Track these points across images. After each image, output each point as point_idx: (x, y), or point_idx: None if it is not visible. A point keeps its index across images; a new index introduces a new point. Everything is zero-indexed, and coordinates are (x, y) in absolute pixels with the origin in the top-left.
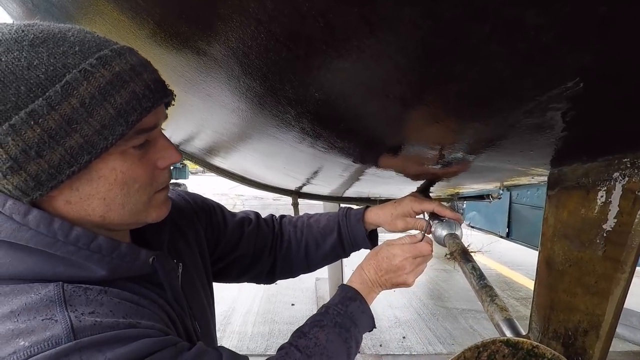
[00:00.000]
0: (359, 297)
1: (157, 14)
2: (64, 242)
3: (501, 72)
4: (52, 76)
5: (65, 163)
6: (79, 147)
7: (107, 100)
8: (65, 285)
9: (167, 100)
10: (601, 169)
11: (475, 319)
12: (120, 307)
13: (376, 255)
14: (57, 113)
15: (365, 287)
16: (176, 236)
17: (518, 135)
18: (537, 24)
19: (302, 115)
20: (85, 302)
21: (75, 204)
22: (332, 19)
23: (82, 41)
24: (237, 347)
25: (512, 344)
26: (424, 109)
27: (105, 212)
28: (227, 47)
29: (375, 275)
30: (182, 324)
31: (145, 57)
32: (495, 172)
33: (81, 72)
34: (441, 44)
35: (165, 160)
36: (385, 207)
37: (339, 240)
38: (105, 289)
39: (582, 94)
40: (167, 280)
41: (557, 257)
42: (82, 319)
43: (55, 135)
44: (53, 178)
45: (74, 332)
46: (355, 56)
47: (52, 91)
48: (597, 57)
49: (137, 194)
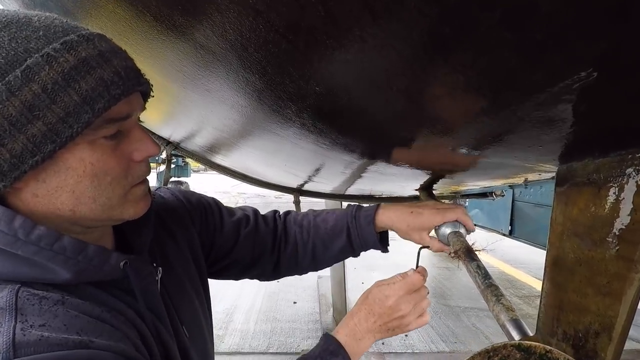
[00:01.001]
0: (342, 352)
1: (153, 5)
2: (25, 241)
3: (510, 61)
4: (13, 61)
5: (27, 152)
6: (42, 136)
7: (70, 86)
8: (20, 292)
9: (142, 89)
10: (614, 165)
11: (478, 317)
12: (77, 322)
13: (366, 299)
14: (18, 99)
15: (352, 338)
16: (164, 237)
17: (527, 130)
18: (549, 9)
19: (303, 110)
20: (38, 312)
21: (43, 197)
22: (332, 6)
23: (47, 26)
24: (239, 344)
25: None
26: (429, 102)
27: (75, 206)
28: (225, 40)
29: (366, 323)
30: (158, 336)
31: (145, 51)
32: (501, 168)
33: (43, 57)
34: (448, 32)
35: (141, 153)
36: (400, 212)
37: (348, 242)
38: (63, 300)
39: (595, 86)
40: (141, 286)
41: (566, 256)
42: (27, 333)
43: (16, 122)
44: (16, 168)
45: (15, 346)
46: (357, 47)
47: (11, 76)
48: (612, 46)
49: (110, 187)
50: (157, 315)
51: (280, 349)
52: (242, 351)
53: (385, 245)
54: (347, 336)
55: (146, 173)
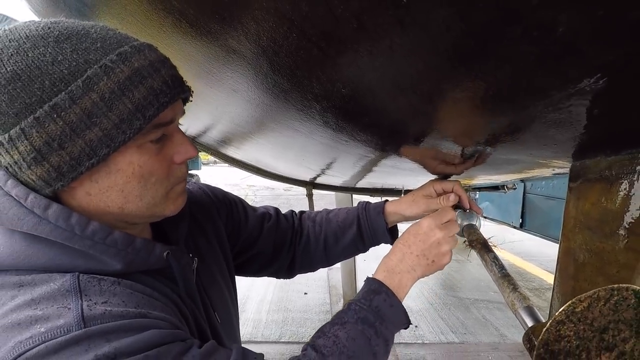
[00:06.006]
0: (384, 288)
1: (191, 13)
2: (81, 236)
3: (530, 69)
4: (75, 71)
5: (85, 155)
6: (98, 140)
7: (125, 95)
8: (80, 276)
9: (185, 96)
10: (625, 162)
11: (487, 309)
12: (133, 298)
13: (401, 238)
14: (79, 107)
15: (391, 275)
16: (195, 231)
17: (543, 130)
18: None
19: (327, 109)
20: (99, 292)
21: (94, 196)
22: (366, 20)
23: (103, 38)
24: (251, 334)
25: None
26: (451, 105)
27: (124, 204)
28: (258, 46)
29: (403, 256)
30: (194, 320)
31: (173, 52)
32: (516, 164)
33: (102, 68)
34: (473, 43)
35: (181, 155)
36: (405, 197)
37: (359, 233)
38: (118, 280)
39: (608, 90)
40: (181, 274)
41: (578, 247)
42: (93, 308)
43: (76, 128)
44: (73, 169)
45: (84, 320)
46: (386, 55)
47: (74, 86)
48: (621, 55)
49: (154, 187)
50: (194, 302)
51: (292, 338)
52: (255, 340)
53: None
54: (385, 272)
55: (185, 174)
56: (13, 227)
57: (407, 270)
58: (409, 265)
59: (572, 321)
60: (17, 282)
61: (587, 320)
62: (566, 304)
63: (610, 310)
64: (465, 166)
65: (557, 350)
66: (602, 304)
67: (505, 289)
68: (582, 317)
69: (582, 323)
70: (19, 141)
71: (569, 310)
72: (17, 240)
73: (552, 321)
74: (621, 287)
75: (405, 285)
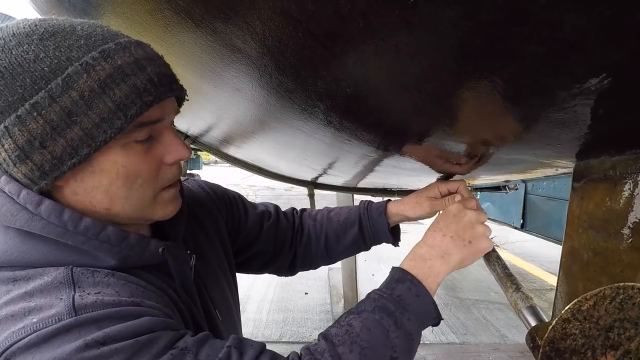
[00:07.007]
0: (409, 277)
1: (197, 13)
2: (74, 232)
3: (536, 68)
4: (56, 69)
5: (66, 155)
6: (79, 140)
7: (106, 94)
8: (74, 269)
9: (175, 95)
10: (629, 162)
11: (488, 309)
12: (126, 288)
13: (431, 225)
14: (58, 105)
15: (419, 263)
16: (195, 228)
17: (548, 129)
18: (572, 25)
19: (331, 109)
20: (92, 283)
21: (81, 195)
22: (372, 19)
23: (89, 35)
24: (252, 333)
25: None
26: (456, 104)
27: (110, 205)
28: (263, 45)
29: (434, 242)
30: (191, 316)
31: (178, 51)
32: (519, 164)
33: (82, 65)
34: (479, 43)
35: (172, 156)
36: (408, 198)
37: (360, 233)
38: (112, 272)
39: (613, 89)
40: (178, 271)
41: (582, 247)
42: (85, 297)
43: (57, 127)
44: (56, 169)
45: (75, 308)
46: (392, 55)
47: (54, 84)
48: (626, 56)
49: (141, 189)
50: (191, 298)
51: (292, 338)
52: (255, 340)
53: (397, 239)
54: (412, 260)
55: (177, 176)
56: (7, 223)
57: (440, 254)
58: (442, 250)
59: (578, 319)
60: (11, 277)
61: (593, 319)
62: (572, 302)
63: (615, 309)
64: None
65: (563, 348)
66: (608, 302)
67: (508, 289)
68: (588, 315)
69: (588, 321)
70: (4, 139)
71: (575, 309)
72: (12, 236)
73: (558, 319)
74: (627, 286)
75: (438, 274)
